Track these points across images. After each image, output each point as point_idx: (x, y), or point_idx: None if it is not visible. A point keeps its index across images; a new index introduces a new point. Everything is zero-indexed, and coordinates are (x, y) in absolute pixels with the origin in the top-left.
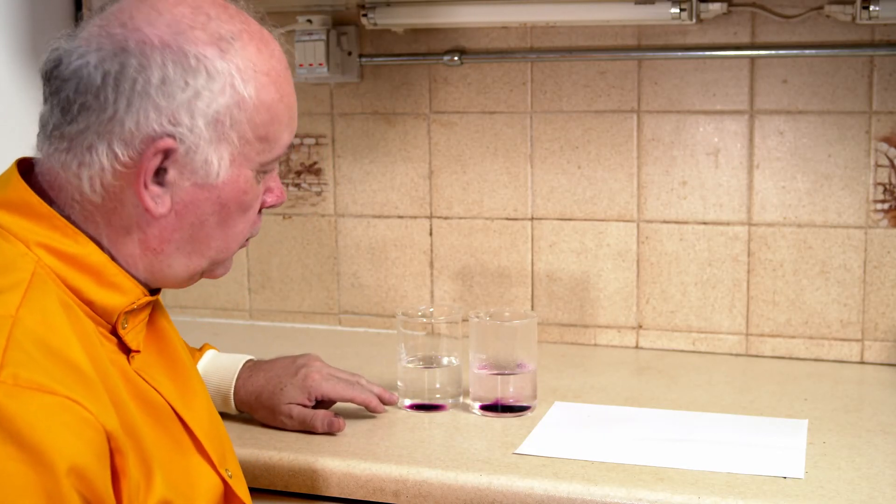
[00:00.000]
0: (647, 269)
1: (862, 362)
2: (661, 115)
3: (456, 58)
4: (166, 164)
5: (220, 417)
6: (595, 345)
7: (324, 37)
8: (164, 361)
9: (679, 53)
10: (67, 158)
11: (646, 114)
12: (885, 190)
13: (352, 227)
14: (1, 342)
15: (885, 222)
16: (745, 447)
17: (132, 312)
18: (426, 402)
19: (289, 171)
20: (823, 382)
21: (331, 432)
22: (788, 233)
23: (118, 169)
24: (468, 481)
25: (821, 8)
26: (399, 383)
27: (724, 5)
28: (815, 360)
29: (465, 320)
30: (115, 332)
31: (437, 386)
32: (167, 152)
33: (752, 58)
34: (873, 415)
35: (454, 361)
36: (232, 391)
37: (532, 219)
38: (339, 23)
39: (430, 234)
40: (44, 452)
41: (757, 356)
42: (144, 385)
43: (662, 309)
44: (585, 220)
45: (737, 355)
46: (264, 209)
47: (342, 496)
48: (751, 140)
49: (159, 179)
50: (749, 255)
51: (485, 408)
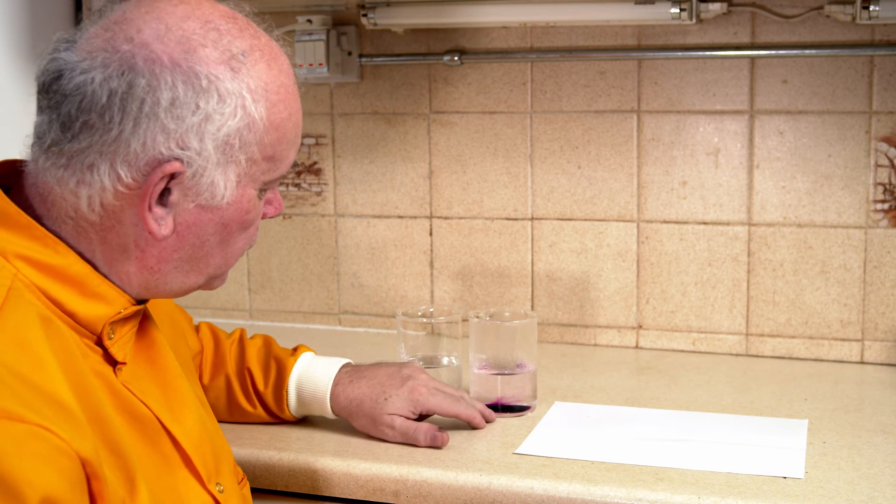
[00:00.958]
0: (647, 269)
1: (862, 362)
2: (661, 115)
3: (456, 58)
4: (171, 185)
5: (218, 428)
6: (595, 345)
7: (324, 37)
8: (154, 373)
9: (679, 53)
10: (65, 175)
11: (646, 114)
12: (885, 190)
13: (352, 227)
14: None
15: (885, 222)
16: (745, 447)
17: (118, 323)
18: None
19: (289, 171)
20: (823, 382)
21: (434, 446)
22: (788, 233)
23: (120, 190)
24: (468, 481)
25: (821, 8)
26: None
27: (724, 5)
28: (815, 360)
29: (465, 320)
30: (100, 343)
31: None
32: (173, 175)
33: (752, 58)
34: (873, 415)
35: (454, 361)
36: (329, 396)
37: (532, 219)
38: (339, 23)
39: (430, 234)
40: (14, 484)
41: (757, 356)
42: (131, 398)
43: (662, 309)
44: (585, 220)
45: (737, 355)
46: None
47: (342, 496)
48: (751, 140)
49: (162, 200)
50: (749, 255)
51: None
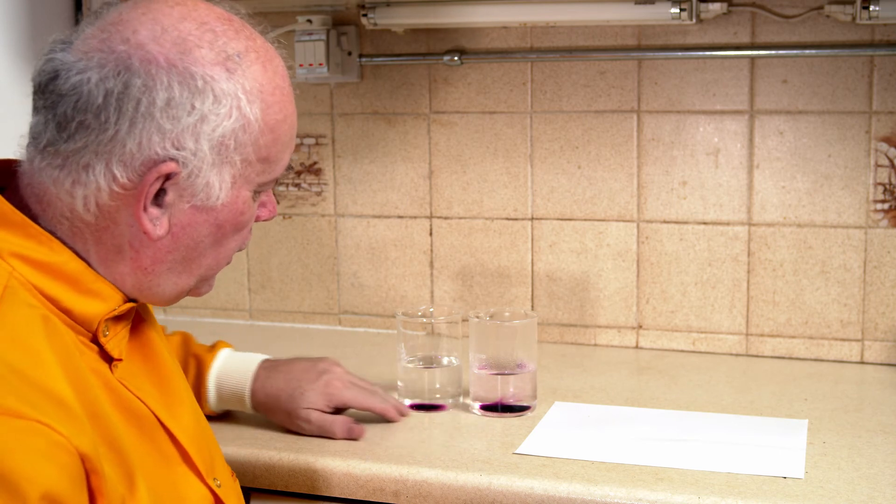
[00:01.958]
0: (647, 269)
1: (862, 362)
2: (661, 115)
3: (456, 58)
4: (166, 186)
5: (208, 424)
6: (595, 345)
7: (324, 37)
8: (149, 370)
9: (679, 53)
10: (60, 175)
11: (646, 114)
12: (885, 190)
13: (352, 227)
14: None
15: (885, 222)
16: (745, 447)
17: (113, 320)
18: (426, 402)
19: (289, 170)
20: (823, 382)
21: (351, 438)
22: (788, 233)
23: (115, 190)
24: (468, 481)
25: (821, 8)
26: (399, 383)
27: (724, 5)
28: (815, 360)
29: (465, 320)
30: (96, 340)
31: (437, 386)
32: (168, 175)
33: (752, 58)
34: (873, 415)
35: (454, 361)
36: (249, 392)
37: (532, 219)
38: (339, 23)
39: (430, 234)
40: (14, 480)
41: (757, 356)
42: (128, 394)
43: (662, 309)
44: (585, 220)
45: (737, 355)
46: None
47: (342, 496)
48: (751, 140)
49: (158, 201)
50: (749, 255)
51: (485, 408)
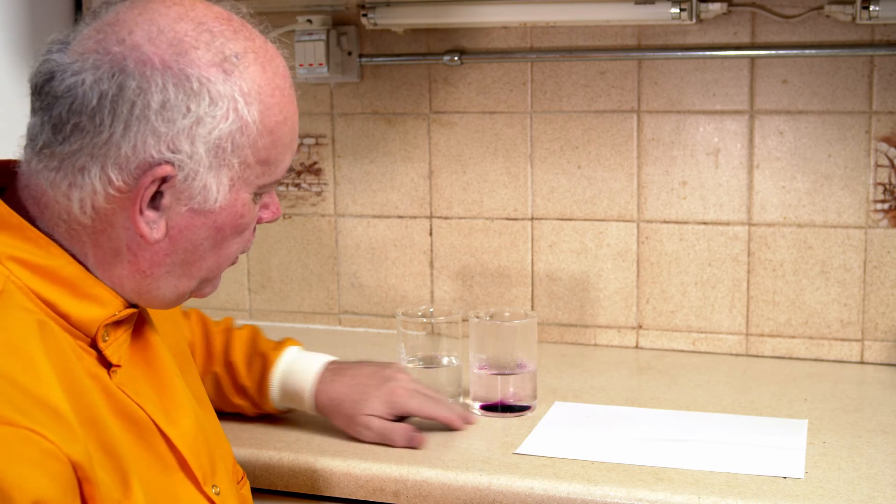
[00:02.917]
0: (647, 269)
1: (862, 362)
2: (661, 115)
3: (456, 58)
4: (162, 189)
5: (218, 426)
6: (595, 345)
7: (324, 37)
8: (150, 374)
9: (679, 53)
10: (57, 178)
11: (646, 114)
12: (885, 190)
13: (352, 227)
14: None
15: (885, 222)
16: (745, 447)
17: (113, 325)
18: None
19: (289, 171)
20: (823, 382)
21: (411, 446)
22: (788, 233)
23: (111, 193)
24: (468, 481)
25: (821, 8)
26: None
27: (724, 5)
28: (815, 360)
29: (465, 320)
30: (95, 345)
31: (437, 386)
32: (164, 178)
33: (752, 58)
34: (873, 415)
35: (454, 361)
36: (312, 394)
37: (532, 219)
38: (339, 23)
39: (430, 234)
40: (4, 489)
41: (757, 356)
42: (126, 400)
43: (662, 309)
44: (585, 220)
45: (737, 355)
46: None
47: (342, 496)
48: (751, 140)
49: (154, 204)
50: (749, 255)
51: (485, 408)
